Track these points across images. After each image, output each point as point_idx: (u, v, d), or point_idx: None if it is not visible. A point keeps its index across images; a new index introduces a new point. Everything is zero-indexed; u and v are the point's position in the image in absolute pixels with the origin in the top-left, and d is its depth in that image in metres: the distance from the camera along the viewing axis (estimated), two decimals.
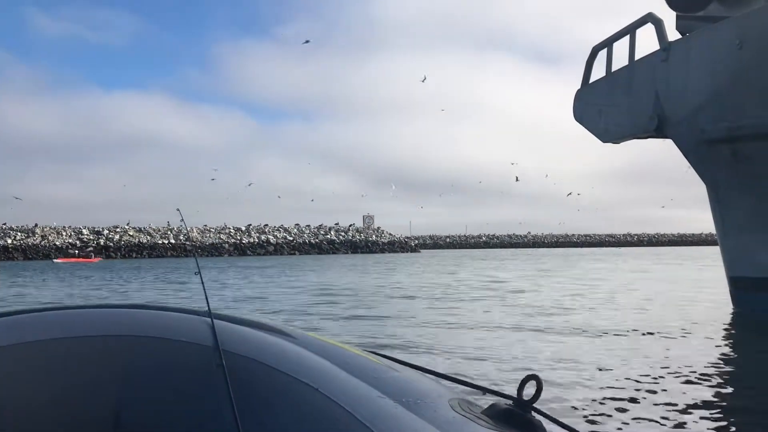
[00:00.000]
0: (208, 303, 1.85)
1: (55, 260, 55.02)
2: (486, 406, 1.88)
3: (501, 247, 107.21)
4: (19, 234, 66.30)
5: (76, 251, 61.29)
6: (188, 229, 72.72)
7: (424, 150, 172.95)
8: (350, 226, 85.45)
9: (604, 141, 12.01)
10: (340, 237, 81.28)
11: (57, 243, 65.34)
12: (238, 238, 75.20)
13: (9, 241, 64.45)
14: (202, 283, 2.05)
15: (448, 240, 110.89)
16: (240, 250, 72.31)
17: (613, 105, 11.81)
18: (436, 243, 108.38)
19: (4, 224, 67.87)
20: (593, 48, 12.32)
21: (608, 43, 11.82)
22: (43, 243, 65.07)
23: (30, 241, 65.33)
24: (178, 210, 2.86)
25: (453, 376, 2.19)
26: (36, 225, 69.18)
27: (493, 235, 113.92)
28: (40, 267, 40.94)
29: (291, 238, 78.00)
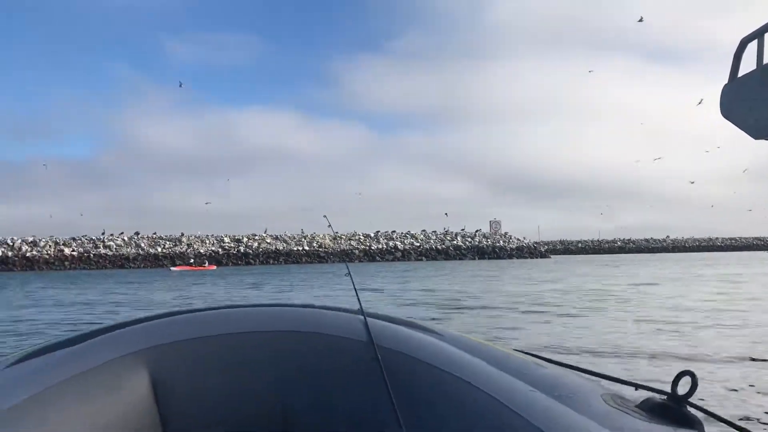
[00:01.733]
0: (360, 303, 1.98)
1: (172, 269, 57.09)
2: (639, 401, 1.85)
3: (638, 252, 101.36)
4: (167, 242, 71.55)
5: (192, 260, 63.98)
6: (323, 235, 75.14)
7: (548, 153, 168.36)
8: (477, 231, 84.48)
9: (757, 138, 10.78)
10: (467, 243, 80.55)
11: (201, 250, 69.74)
12: (368, 244, 76.59)
13: (159, 249, 69.70)
14: (353, 284, 2.20)
15: (579, 245, 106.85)
16: (369, 256, 73.59)
17: (766, 99, 10.61)
18: (567, 248, 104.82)
19: (155, 233, 73.52)
20: (742, 40, 11.12)
21: (758, 34, 10.64)
22: (188, 251, 69.69)
23: (177, 249, 70.25)
24: (325, 216, 3.15)
25: (602, 373, 2.12)
26: (182, 234, 74.29)
27: (629, 240, 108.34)
28: (162, 275, 42.65)
29: (418, 244, 78.33)
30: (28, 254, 65.19)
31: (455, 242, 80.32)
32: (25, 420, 1.39)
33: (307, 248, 73.53)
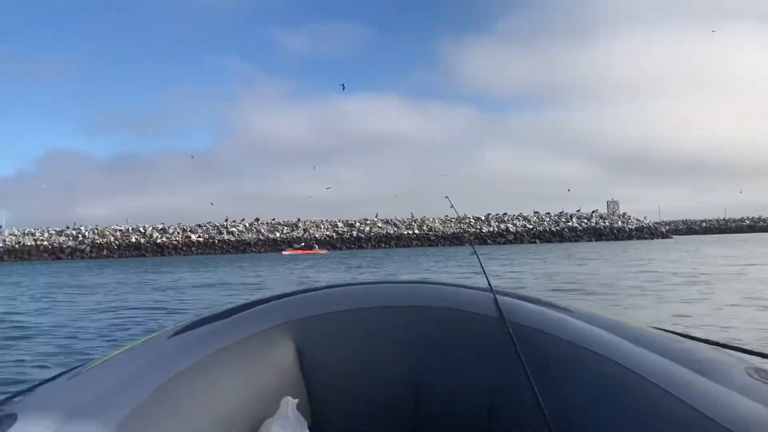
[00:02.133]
0: (488, 280, 2.00)
1: (284, 252, 59.02)
2: None
3: None
4: (285, 228, 74.52)
5: (302, 243, 66.14)
6: (432, 218, 75.32)
7: (663, 130, 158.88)
8: (593, 212, 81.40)
9: None
10: (583, 224, 77.85)
11: (317, 235, 72.07)
12: (478, 227, 75.90)
13: (277, 234, 72.74)
14: (480, 262, 2.22)
15: (704, 225, 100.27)
16: (480, 239, 72.92)
17: None
18: (689, 228, 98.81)
19: (273, 219, 76.80)
20: None
21: None
22: (305, 236, 72.24)
23: (294, 234, 73.01)
24: (446, 197, 3.06)
25: (743, 346, 1.95)
26: (299, 219, 77.10)
27: (759, 218, 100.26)
28: (273, 259, 44.12)
29: (531, 227, 76.66)
30: (158, 241, 70.21)
31: (570, 224, 77.85)
32: (189, 386, 1.50)
33: (417, 232, 74.01)
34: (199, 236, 71.81)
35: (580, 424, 1.58)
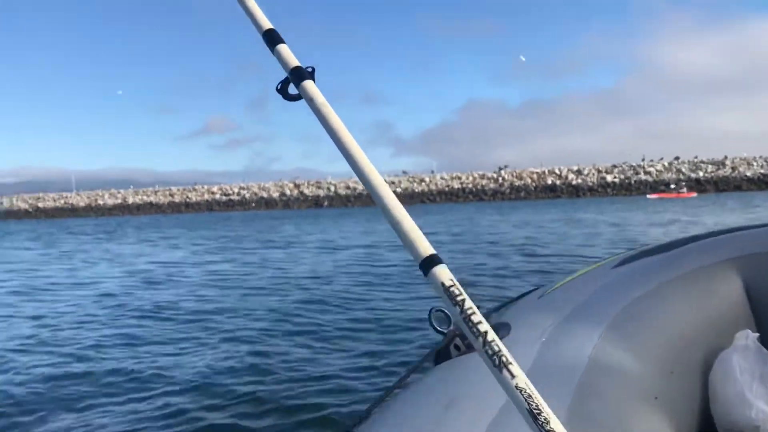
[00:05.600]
0: None
1: (648, 196, 53.86)
2: None
3: None
4: (710, 166, 67.52)
5: (672, 186, 60.30)
6: None
7: None
8: None
9: None
10: None
11: (748, 174, 63.47)
12: None
13: (700, 174, 66.42)
14: None
15: None
16: None
17: None
18: None
19: (695, 157, 70.28)
20: None
21: None
22: (733, 175, 64.35)
23: (720, 173, 65.65)
24: None
25: None
26: (725, 157, 68.90)
27: None
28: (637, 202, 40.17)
29: None
30: (573, 182, 71.25)
31: None
32: (644, 312, 1.56)
33: None
34: (615, 177, 70.41)
35: None
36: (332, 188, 77.87)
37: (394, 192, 0.81)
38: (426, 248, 0.78)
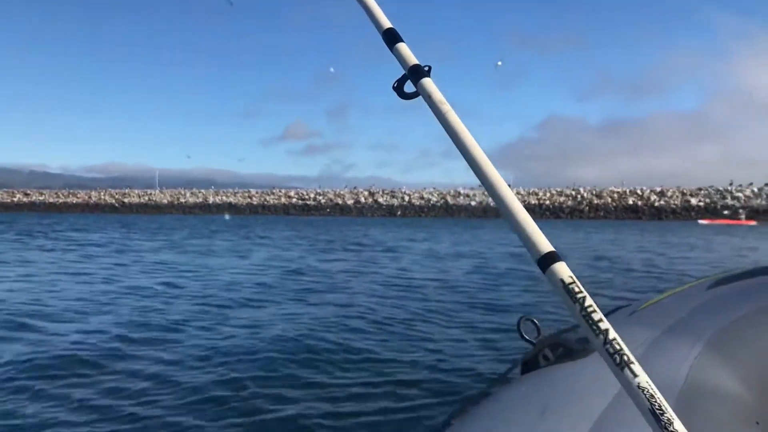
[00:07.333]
0: None
1: (699, 221, 51.27)
2: None
3: None
4: None
5: (726, 213, 58.12)
6: None
7: None
8: None
9: None
10: None
11: None
12: None
13: None
14: None
15: None
16: None
17: None
18: None
19: None
20: None
21: None
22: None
23: None
24: None
25: None
26: None
27: None
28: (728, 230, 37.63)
29: None
30: (656, 204, 69.22)
31: None
32: (742, 334, 1.52)
33: None
34: (699, 200, 68.04)
35: None
36: (407, 198, 78.24)
37: (470, 205, 0.86)
38: (545, 245, 0.77)
